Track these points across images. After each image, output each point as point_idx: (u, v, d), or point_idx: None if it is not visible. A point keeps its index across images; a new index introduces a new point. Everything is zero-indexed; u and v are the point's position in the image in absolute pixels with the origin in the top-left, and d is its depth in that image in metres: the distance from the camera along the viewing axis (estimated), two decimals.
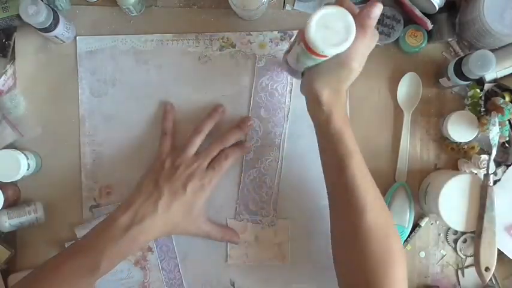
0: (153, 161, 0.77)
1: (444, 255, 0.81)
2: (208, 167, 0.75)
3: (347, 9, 0.59)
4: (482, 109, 0.77)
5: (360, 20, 0.59)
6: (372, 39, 0.62)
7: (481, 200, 0.73)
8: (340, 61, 0.60)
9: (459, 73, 0.73)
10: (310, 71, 0.65)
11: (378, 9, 0.59)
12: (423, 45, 0.77)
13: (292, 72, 0.71)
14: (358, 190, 0.63)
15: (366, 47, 0.61)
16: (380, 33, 0.77)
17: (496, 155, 0.75)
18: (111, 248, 0.67)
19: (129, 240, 0.68)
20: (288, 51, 0.69)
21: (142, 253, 0.80)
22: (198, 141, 0.76)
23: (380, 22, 0.77)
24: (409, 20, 0.78)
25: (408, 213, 0.79)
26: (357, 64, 0.61)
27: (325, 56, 0.59)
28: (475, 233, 0.74)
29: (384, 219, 0.64)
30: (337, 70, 0.62)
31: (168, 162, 0.74)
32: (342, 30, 0.57)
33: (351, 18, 0.57)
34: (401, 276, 0.63)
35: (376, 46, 0.79)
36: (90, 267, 0.66)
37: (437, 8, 0.74)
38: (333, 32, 0.57)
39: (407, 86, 0.80)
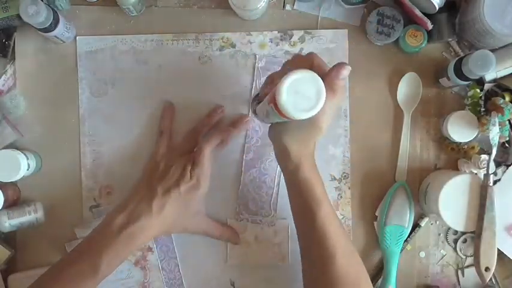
0: (149, 160, 0.78)
1: (444, 255, 0.81)
2: (192, 164, 0.74)
3: (317, 67, 0.60)
4: (482, 109, 0.77)
5: (329, 82, 0.59)
6: (340, 99, 0.62)
7: (481, 200, 0.73)
8: (310, 121, 0.60)
9: (459, 73, 0.73)
10: (279, 124, 0.65)
11: (346, 71, 0.60)
12: (423, 45, 0.77)
13: (261, 120, 0.71)
14: (327, 238, 0.64)
15: (335, 107, 0.62)
16: (380, 33, 0.77)
17: (496, 155, 0.75)
18: (108, 250, 0.68)
19: (125, 241, 0.69)
20: (256, 101, 0.69)
21: (143, 253, 0.80)
22: (192, 141, 0.77)
23: (380, 22, 0.77)
24: (409, 20, 0.78)
25: (408, 213, 0.79)
26: (325, 125, 0.62)
27: (294, 119, 0.59)
28: (475, 233, 0.74)
29: (354, 266, 0.65)
30: (306, 128, 0.62)
31: (163, 163, 0.75)
32: (313, 96, 0.57)
33: (321, 82, 0.57)
34: None
35: (376, 46, 0.80)
36: (89, 271, 0.67)
37: (437, 8, 0.74)
38: (303, 97, 0.56)
39: (407, 86, 0.80)
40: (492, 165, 0.75)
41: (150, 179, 0.74)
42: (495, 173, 0.78)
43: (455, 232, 0.81)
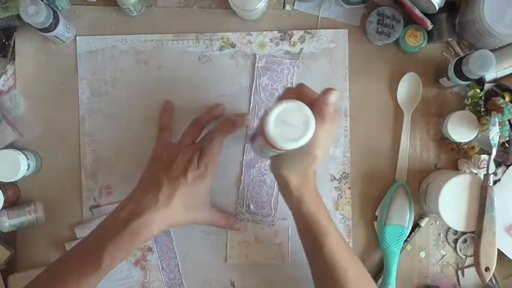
0: (151, 156, 0.76)
1: (444, 255, 0.81)
2: (200, 153, 0.72)
3: (306, 95, 0.60)
4: (482, 109, 0.77)
5: (317, 109, 0.59)
6: (332, 124, 0.62)
7: (481, 200, 0.73)
8: (303, 150, 0.60)
9: (459, 73, 0.73)
10: (276, 157, 0.65)
11: (333, 96, 0.60)
12: (423, 45, 0.77)
13: (259, 154, 0.71)
14: (337, 267, 0.64)
15: (328, 133, 0.62)
16: (380, 33, 0.78)
17: (496, 155, 0.75)
18: (112, 244, 0.66)
19: (130, 235, 0.67)
20: (253, 137, 0.69)
21: (143, 253, 0.80)
22: (195, 132, 0.75)
23: (380, 22, 0.77)
24: (409, 20, 0.78)
25: (408, 213, 0.79)
26: (320, 151, 0.62)
27: (285, 150, 0.60)
28: (475, 233, 0.74)
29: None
30: (301, 158, 0.62)
31: (166, 155, 0.73)
32: (301, 125, 0.57)
33: (308, 110, 0.57)
34: None
35: (376, 46, 0.80)
36: (92, 266, 0.65)
37: (437, 8, 0.74)
38: (291, 126, 0.57)
39: (407, 86, 0.80)
40: (492, 165, 0.75)
41: (154, 171, 0.72)
42: (495, 173, 0.78)
43: (455, 232, 0.81)
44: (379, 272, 0.81)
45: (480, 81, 0.78)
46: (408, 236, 0.80)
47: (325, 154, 0.64)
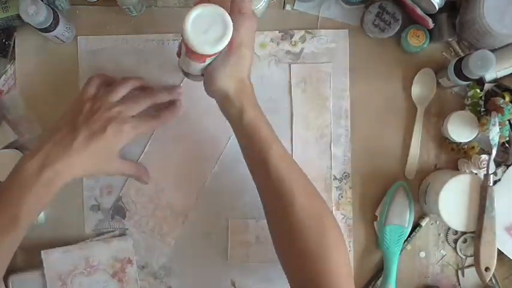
0: (71, 104, 0.71)
1: (444, 255, 0.81)
2: (135, 116, 0.70)
3: (220, 0, 0.60)
4: (482, 109, 0.77)
5: (235, 7, 0.60)
6: (251, 20, 0.62)
7: (481, 200, 0.73)
8: (231, 54, 0.60)
9: (459, 73, 0.73)
10: (207, 71, 0.64)
11: None
12: (425, 45, 0.77)
13: (192, 77, 0.70)
14: (283, 181, 0.62)
15: (250, 30, 0.61)
16: (375, 25, 0.78)
17: (496, 155, 0.75)
18: (27, 196, 0.62)
19: (44, 185, 0.63)
20: (179, 57, 0.69)
21: (122, 265, 0.79)
22: (123, 91, 0.72)
23: (379, 15, 0.77)
24: (410, 21, 0.78)
25: (408, 213, 0.79)
26: (247, 50, 0.62)
27: (209, 56, 0.60)
28: (475, 233, 0.74)
29: (315, 207, 0.63)
30: (232, 62, 0.61)
31: (88, 105, 0.69)
32: (219, 25, 0.57)
33: (223, 11, 0.58)
34: (340, 260, 0.62)
35: (376, 46, 0.80)
36: (9, 224, 0.62)
37: (437, 8, 0.74)
38: (210, 30, 0.57)
39: (422, 82, 0.80)
40: (492, 165, 0.75)
41: (72, 119, 0.68)
42: (495, 173, 0.78)
43: (455, 232, 0.81)
44: (379, 272, 0.81)
45: (480, 81, 0.78)
46: (408, 236, 0.80)
47: (253, 53, 0.63)
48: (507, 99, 0.75)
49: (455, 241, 0.81)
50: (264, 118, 0.65)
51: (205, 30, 0.57)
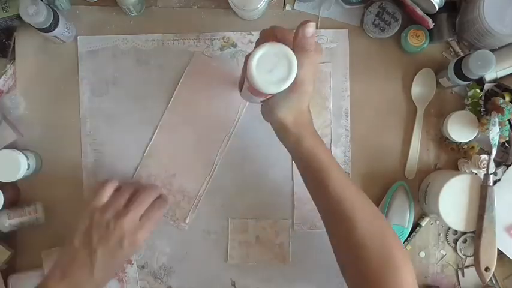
0: (81, 213, 0.72)
1: (444, 255, 0.81)
2: (143, 217, 0.71)
3: (281, 35, 0.60)
4: (482, 109, 0.77)
5: (299, 44, 0.59)
6: (316, 56, 0.62)
7: (481, 200, 0.73)
8: (292, 88, 0.59)
9: (459, 73, 0.73)
10: (267, 103, 0.64)
11: (311, 28, 0.60)
12: (425, 45, 0.77)
13: (249, 101, 0.70)
14: (343, 203, 0.63)
15: (313, 66, 0.61)
16: (375, 25, 0.78)
17: (496, 155, 0.75)
18: None
19: None
20: (240, 86, 0.69)
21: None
22: (125, 196, 0.73)
23: (379, 15, 0.77)
24: (410, 21, 0.78)
25: (408, 213, 0.79)
26: (309, 86, 0.62)
27: (273, 94, 0.59)
28: (475, 233, 0.74)
29: (377, 227, 0.63)
30: (292, 97, 0.62)
31: (97, 216, 0.70)
32: (284, 65, 0.57)
33: (288, 50, 0.57)
34: (407, 281, 0.61)
35: (377, 46, 0.80)
36: None
37: (437, 8, 0.74)
38: (274, 69, 0.57)
39: (421, 82, 0.80)
40: (492, 165, 0.75)
41: (87, 237, 0.69)
42: (495, 173, 0.78)
43: (455, 232, 0.81)
44: None
45: (480, 81, 0.78)
46: (408, 236, 0.80)
47: (314, 87, 0.63)
48: (507, 99, 0.75)
49: (455, 241, 0.81)
50: (323, 145, 0.66)
51: (270, 69, 0.57)
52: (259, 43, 0.62)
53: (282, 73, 0.57)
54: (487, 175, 0.74)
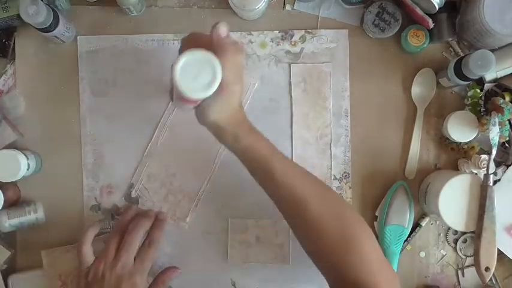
0: (76, 270, 0.73)
1: (444, 255, 0.81)
2: (136, 260, 0.71)
3: (200, 40, 0.61)
4: (482, 109, 0.77)
5: (216, 46, 0.59)
6: (236, 54, 0.61)
7: (481, 200, 0.73)
8: (221, 90, 0.59)
9: (459, 73, 0.73)
10: (198, 107, 0.64)
11: (223, 27, 0.60)
12: (425, 45, 0.77)
13: (181, 109, 0.70)
14: (293, 190, 0.64)
15: (236, 65, 0.61)
16: (376, 25, 0.78)
17: (496, 155, 0.75)
18: None
19: None
20: (171, 95, 0.69)
21: None
22: (115, 242, 0.72)
23: (379, 15, 0.77)
24: (409, 21, 0.78)
25: (408, 213, 0.79)
26: (236, 85, 0.62)
27: (201, 99, 0.60)
28: (475, 233, 0.74)
29: (329, 205, 0.64)
30: (221, 98, 0.61)
31: (92, 273, 0.70)
32: (207, 70, 0.57)
33: (209, 55, 0.58)
34: (367, 246, 0.62)
35: (377, 46, 0.80)
36: None
37: (437, 8, 0.74)
38: (199, 75, 0.57)
39: (421, 82, 0.80)
40: (492, 165, 0.75)
41: None
42: (495, 173, 0.78)
43: (455, 232, 0.81)
44: None
45: (480, 81, 0.78)
46: (408, 236, 0.80)
47: (241, 84, 0.63)
48: (507, 99, 0.75)
49: (455, 241, 0.81)
50: (262, 138, 0.66)
51: (195, 76, 0.58)
52: (182, 51, 0.62)
53: (207, 78, 0.58)
54: (487, 175, 0.74)
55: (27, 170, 0.76)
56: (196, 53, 0.58)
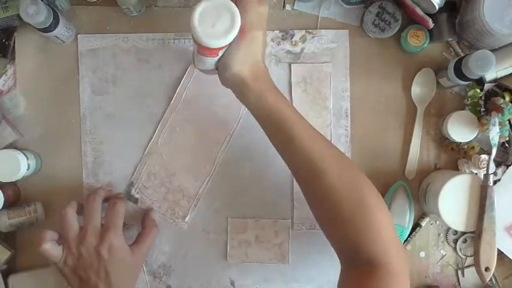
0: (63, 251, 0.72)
1: (444, 255, 0.81)
2: (104, 224, 0.72)
3: None
4: (482, 109, 0.77)
5: None
6: (261, 4, 0.61)
7: (481, 200, 0.73)
8: (241, 36, 0.59)
9: (459, 73, 0.73)
10: (221, 61, 0.64)
11: None
12: (425, 45, 0.77)
13: (208, 72, 0.69)
14: (312, 155, 0.62)
15: (257, 12, 0.61)
16: (376, 25, 0.78)
17: (496, 155, 0.75)
18: None
19: None
20: (193, 56, 0.69)
21: None
22: (73, 219, 0.72)
23: (379, 15, 0.77)
24: (409, 21, 0.78)
25: (408, 213, 0.79)
26: (258, 31, 0.61)
27: (221, 48, 0.60)
28: (475, 233, 0.74)
29: (347, 175, 0.63)
30: (243, 44, 0.61)
31: (70, 258, 0.70)
32: (227, 17, 0.57)
33: (228, 1, 0.57)
34: (381, 220, 0.61)
35: (377, 46, 0.80)
36: None
37: (437, 8, 0.74)
38: (218, 22, 0.57)
39: (421, 82, 0.80)
40: (492, 165, 0.75)
41: (76, 272, 0.70)
42: (495, 173, 0.78)
43: (455, 232, 0.81)
44: None
45: (480, 81, 0.78)
46: (408, 236, 0.80)
47: (265, 35, 0.63)
48: (507, 99, 0.75)
49: (455, 241, 0.81)
50: (285, 99, 0.65)
51: (213, 23, 0.57)
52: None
53: (225, 24, 0.57)
54: (487, 175, 0.74)
55: (27, 170, 0.76)
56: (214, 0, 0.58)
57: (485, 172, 0.75)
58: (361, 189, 0.62)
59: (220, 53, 0.62)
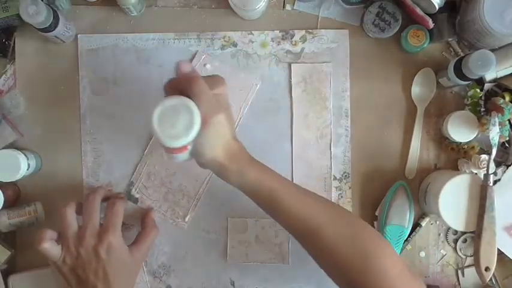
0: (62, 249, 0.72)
1: (444, 255, 0.81)
2: (103, 224, 0.72)
3: (176, 84, 0.61)
4: (482, 109, 0.77)
5: (185, 83, 0.60)
6: (211, 84, 0.61)
7: (481, 200, 0.73)
8: (204, 126, 0.59)
9: (459, 73, 0.73)
10: (194, 150, 0.64)
11: (183, 63, 0.62)
12: (425, 45, 0.77)
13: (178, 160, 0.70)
14: (305, 218, 0.64)
15: (210, 96, 0.61)
16: (375, 25, 0.78)
17: (496, 155, 0.75)
18: None
19: None
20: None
21: None
22: (72, 218, 0.72)
23: (379, 15, 0.77)
24: (409, 21, 0.78)
25: (408, 213, 0.79)
26: (218, 114, 0.61)
27: (188, 144, 0.60)
28: (475, 233, 0.74)
29: (343, 227, 0.64)
30: (209, 132, 0.61)
31: (68, 258, 0.70)
32: (185, 114, 0.57)
33: (181, 99, 0.58)
34: (387, 262, 0.62)
35: (377, 46, 0.80)
36: None
37: (437, 8, 0.74)
38: (177, 122, 0.57)
39: (421, 82, 0.80)
40: (492, 165, 0.75)
41: (74, 271, 0.70)
42: (495, 173, 0.78)
43: (455, 232, 0.81)
44: None
45: (480, 81, 0.78)
46: (408, 236, 0.80)
47: (226, 113, 0.63)
48: (507, 99, 0.75)
49: (455, 241, 0.81)
50: (265, 168, 0.66)
51: (173, 124, 0.58)
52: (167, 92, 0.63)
53: (185, 122, 0.58)
54: (487, 175, 0.74)
55: (27, 169, 0.76)
56: (167, 102, 0.58)
57: (485, 172, 0.75)
58: (358, 237, 0.64)
59: (190, 147, 0.62)
